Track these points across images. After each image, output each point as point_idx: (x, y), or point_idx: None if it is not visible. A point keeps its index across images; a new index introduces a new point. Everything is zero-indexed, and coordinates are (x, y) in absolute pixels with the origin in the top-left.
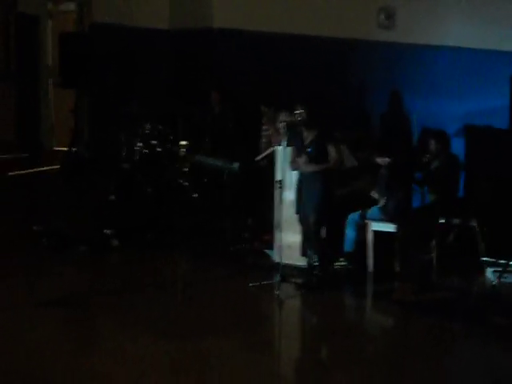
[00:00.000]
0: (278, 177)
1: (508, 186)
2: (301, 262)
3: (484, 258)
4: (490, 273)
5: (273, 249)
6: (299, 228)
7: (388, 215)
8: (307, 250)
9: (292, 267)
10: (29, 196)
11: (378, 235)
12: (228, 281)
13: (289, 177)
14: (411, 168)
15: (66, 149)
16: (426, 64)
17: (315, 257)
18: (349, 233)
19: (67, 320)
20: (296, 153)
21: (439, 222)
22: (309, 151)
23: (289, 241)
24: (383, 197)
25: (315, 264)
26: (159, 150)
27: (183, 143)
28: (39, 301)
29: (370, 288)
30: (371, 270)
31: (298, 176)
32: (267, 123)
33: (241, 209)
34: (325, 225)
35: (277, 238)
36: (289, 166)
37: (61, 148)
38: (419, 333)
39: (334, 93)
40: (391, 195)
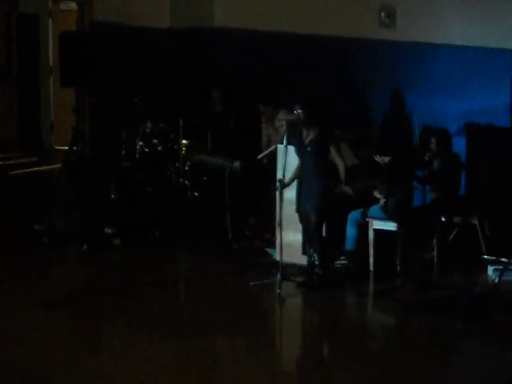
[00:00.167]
0: (279, 175)
1: (509, 184)
2: (301, 261)
3: (485, 257)
4: (492, 271)
5: (274, 247)
6: (300, 226)
7: (389, 214)
8: (308, 249)
9: (293, 266)
10: (29, 195)
11: (379, 234)
12: (229, 279)
13: (289, 175)
14: (412, 166)
15: (67, 147)
16: (428, 62)
17: (316, 255)
18: (349, 231)
19: (68, 319)
20: (295, 151)
21: (440, 221)
22: (308, 150)
23: (289, 239)
24: (385, 196)
25: (316, 263)
26: (160, 149)
27: (184, 142)
28: (40, 300)
29: (371, 287)
30: (372, 269)
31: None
32: (266, 122)
33: (242, 207)
34: (325, 223)
35: (277, 237)
36: None
37: (61, 147)
38: (420, 331)
39: (335, 91)
40: (392, 194)
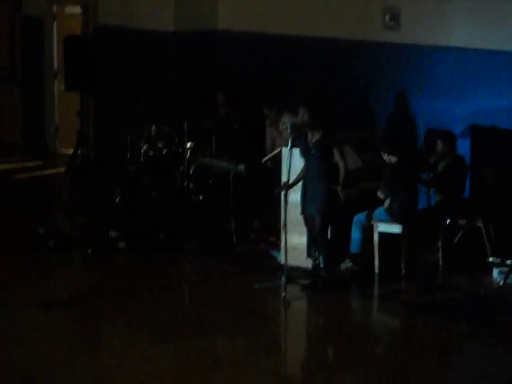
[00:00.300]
0: (284, 178)
1: None
2: (306, 264)
3: (490, 259)
4: (497, 273)
5: (279, 250)
6: (305, 229)
7: (394, 216)
8: (313, 252)
9: (298, 268)
10: (34, 198)
11: (384, 236)
12: (234, 282)
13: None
14: (417, 169)
15: (72, 151)
16: (431, 65)
17: (321, 258)
18: (354, 234)
19: (70, 320)
20: (300, 154)
21: (445, 223)
22: (313, 153)
23: (294, 242)
24: (388, 197)
25: (321, 265)
26: (164, 152)
27: (189, 145)
28: (44, 303)
29: (376, 289)
30: (377, 271)
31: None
32: (270, 125)
33: (246, 210)
34: (330, 226)
35: (282, 240)
36: None
37: (66, 150)
38: (425, 334)
39: (340, 94)
40: (396, 196)
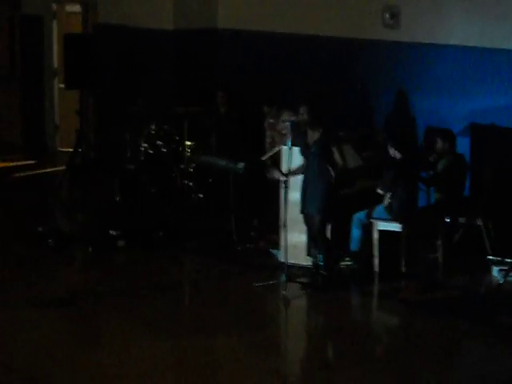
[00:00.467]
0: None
1: None
2: (306, 262)
3: (490, 257)
4: (496, 272)
5: (279, 248)
6: (305, 228)
7: (393, 214)
8: (313, 250)
9: (297, 267)
10: (34, 197)
11: (384, 234)
12: (234, 281)
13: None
14: (417, 167)
15: (72, 150)
16: (431, 63)
17: (320, 256)
18: (354, 232)
19: (70, 319)
20: (300, 152)
21: (445, 221)
22: (312, 151)
23: (294, 240)
24: (387, 193)
25: (321, 264)
26: (164, 151)
27: (188, 143)
28: (44, 301)
29: (376, 287)
30: (377, 270)
31: (303, 175)
32: (269, 124)
33: (246, 209)
34: (330, 224)
35: (282, 238)
36: None
37: (66, 149)
38: (425, 332)
39: (339, 92)
40: (396, 194)
